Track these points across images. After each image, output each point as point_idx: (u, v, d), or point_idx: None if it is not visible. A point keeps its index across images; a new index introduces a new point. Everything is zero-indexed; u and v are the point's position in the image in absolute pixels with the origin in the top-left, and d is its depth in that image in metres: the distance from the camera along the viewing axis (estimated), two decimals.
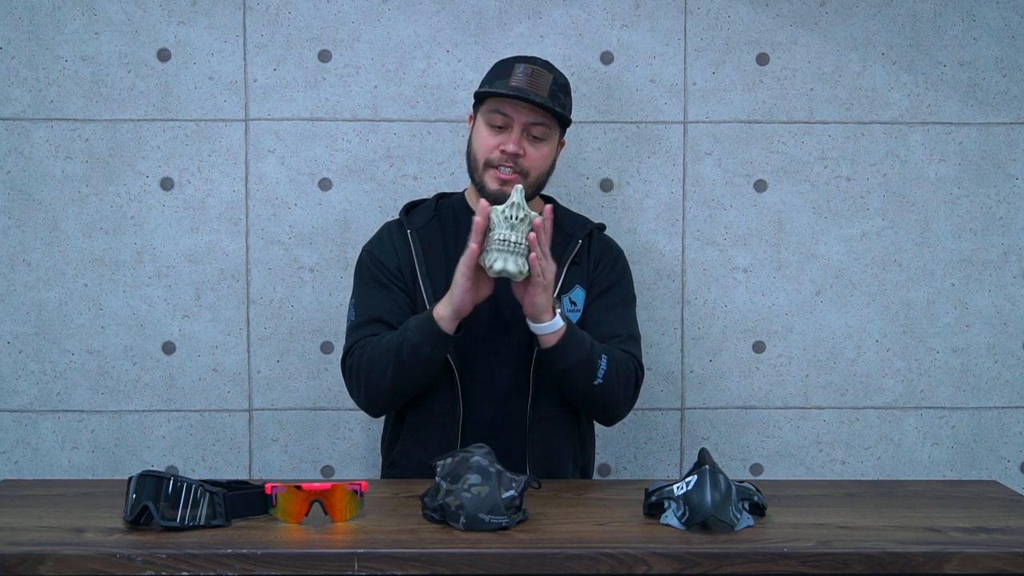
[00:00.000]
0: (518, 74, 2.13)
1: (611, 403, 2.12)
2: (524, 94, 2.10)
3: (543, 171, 2.17)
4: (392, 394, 2.10)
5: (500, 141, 2.12)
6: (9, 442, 2.60)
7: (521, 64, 2.15)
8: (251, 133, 2.58)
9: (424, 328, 2.01)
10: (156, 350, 2.60)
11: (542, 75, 2.14)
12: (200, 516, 1.69)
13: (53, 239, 2.57)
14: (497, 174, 2.12)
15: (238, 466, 2.62)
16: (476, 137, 2.17)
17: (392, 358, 2.04)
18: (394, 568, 1.58)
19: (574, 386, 2.08)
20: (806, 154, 2.62)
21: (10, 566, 1.57)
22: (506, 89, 2.11)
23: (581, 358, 2.03)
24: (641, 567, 1.60)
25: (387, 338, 2.07)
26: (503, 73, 2.15)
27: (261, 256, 2.59)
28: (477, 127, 2.17)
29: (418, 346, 2.02)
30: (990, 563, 1.61)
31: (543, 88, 2.13)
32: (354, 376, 2.11)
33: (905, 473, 2.66)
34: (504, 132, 2.13)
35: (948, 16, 2.61)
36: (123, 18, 2.55)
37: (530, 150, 2.13)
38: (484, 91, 2.15)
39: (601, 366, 2.05)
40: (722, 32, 2.60)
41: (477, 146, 2.16)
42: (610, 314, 2.18)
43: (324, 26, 2.57)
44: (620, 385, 2.09)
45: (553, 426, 2.18)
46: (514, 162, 2.12)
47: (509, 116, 2.12)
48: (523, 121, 2.12)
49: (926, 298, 2.64)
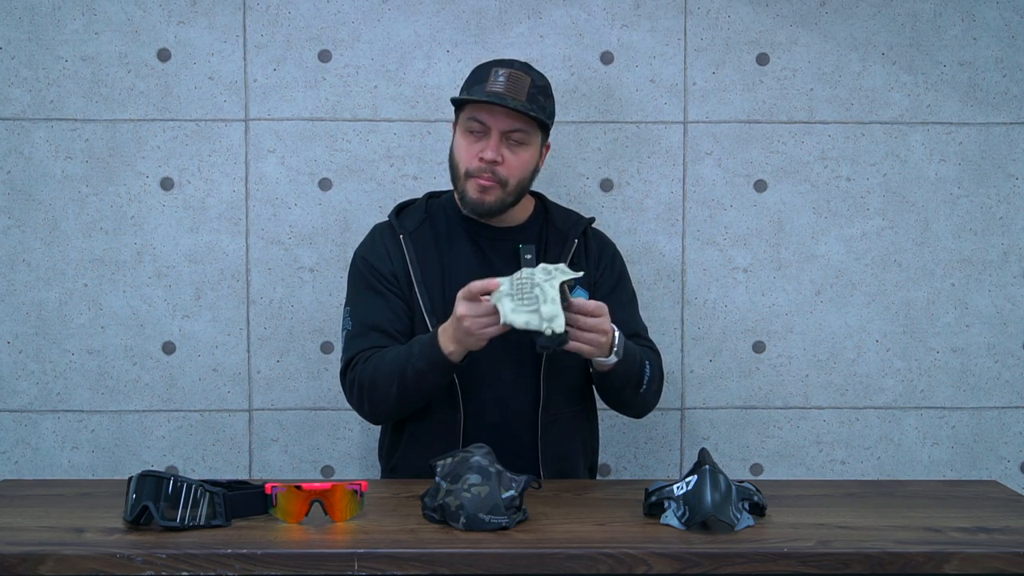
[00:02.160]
0: (495, 79, 2.08)
1: (649, 404, 2.18)
2: (500, 99, 2.05)
3: (523, 178, 2.13)
4: (397, 412, 2.12)
5: (479, 149, 2.09)
6: (9, 442, 2.60)
7: (498, 68, 2.11)
8: (251, 133, 2.58)
9: (429, 356, 1.99)
10: (156, 350, 2.60)
11: (519, 78, 2.09)
12: (200, 516, 1.69)
13: (53, 239, 2.57)
14: (477, 182, 2.09)
15: (238, 466, 2.62)
16: (456, 146, 2.13)
17: (396, 380, 2.02)
18: (394, 568, 1.59)
19: (621, 396, 2.13)
20: (806, 154, 2.62)
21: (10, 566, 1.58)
22: (482, 95, 2.07)
23: (633, 374, 2.07)
24: (641, 567, 1.60)
25: (389, 356, 2.05)
26: (480, 78, 2.11)
27: (261, 256, 2.59)
28: (456, 136, 2.14)
29: (423, 373, 2.00)
30: (990, 563, 1.61)
31: (520, 92, 2.08)
32: (356, 391, 2.10)
33: (905, 473, 2.66)
34: (483, 139, 2.09)
35: (948, 16, 2.61)
36: (123, 18, 2.55)
37: (509, 157, 2.09)
38: (459, 98, 2.11)
39: (647, 374, 2.09)
40: (722, 32, 2.60)
41: (457, 155, 2.13)
42: (623, 313, 2.17)
43: (324, 26, 2.57)
44: (657, 384, 2.15)
45: (565, 427, 2.18)
46: (492, 171, 2.09)
47: (486, 123, 2.08)
48: (501, 127, 2.08)
49: (926, 298, 2.64)
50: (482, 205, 2.10)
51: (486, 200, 2.10)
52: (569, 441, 2.19)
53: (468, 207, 2.12)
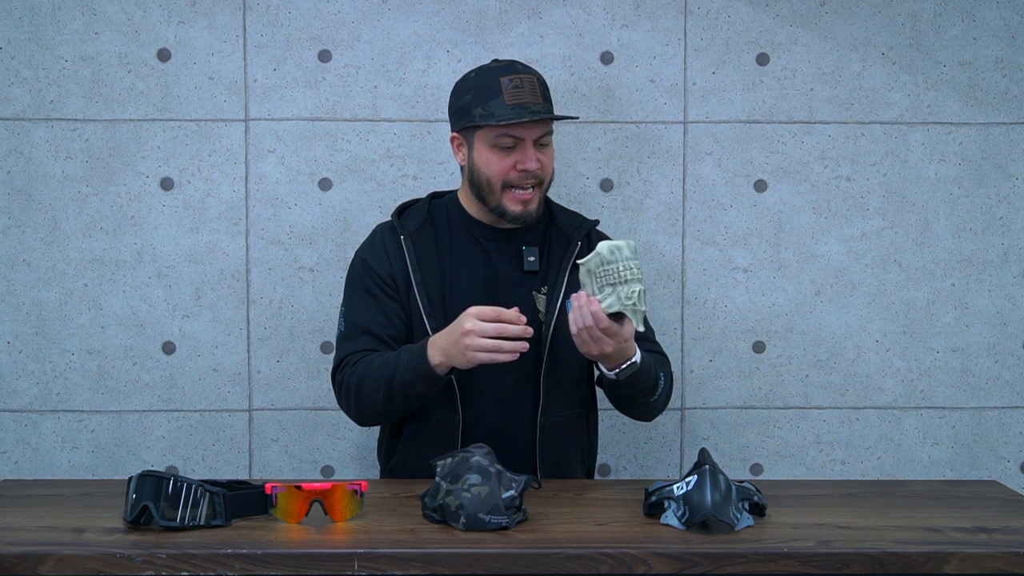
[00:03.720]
0: (509, 89, 2.07)
1: (659, 410, 2.18)
2: (531, 112, 2.06)
3: (553, 170, 2.17)
4: (384, 417, 2.14)
5: (515, 160, 2.08)
6: (9, 442, 2.60)
7: (505, 77, 2.09)
8: (251, 133, 2.58)
9: (416, 367, 1.99)
10: (156, 350, 2.60)
11: (528, 81, 2.09)
12: (200, 516, 1.69)
13: (53, 239, 2.57)
14: (518, 196, 2.09)
15: (238, 466, 2.62)
16: (484, 161, 2.10)
17: (383, 387, 2.03)
18: (394, 568, 1.59)
19: (633, 403, 2.13)
20: (806, 154, 2.62)
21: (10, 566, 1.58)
22: (507, 111, 2.05)
23: (648, 384, 2.07)
24: (641, 567, 1.60)
25: (377, 363, 2.05)
26: (492, 92, 2.08)
27: (261, 256, 2.59)
28: (480, 151, 2.10)
29: (410, 383, 2.01)
30: (990, 563, 1.61)
31: (537, 95, 2.09)
32: (343, 394, 2.11)
33: (905, 473, 2.66)
34: (515, 150, 2.08)
35: (948, 16, 2.61)
36: (123, 18, 2.55)
37: (543, 158, 2.11)
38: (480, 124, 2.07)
39: (660, 384, 2.10)
40: (722, 32, 2.60)
41: (489, 171, 2.10)
42: None
43: (324, 26, 2.57)
44: (667, 391, 2.15)
45: (564, 431, 2.18)
46: (533, 176, 2.09)
47: (518, 136, 2.07)
48: (534, 136, 2.09)
49: (926, 298, 2.64)
50: (530, 215, 2.12)
51: (531, 209, 2.12)
52: (567, 445, 2.19)
53: (510, 218, 2.12)
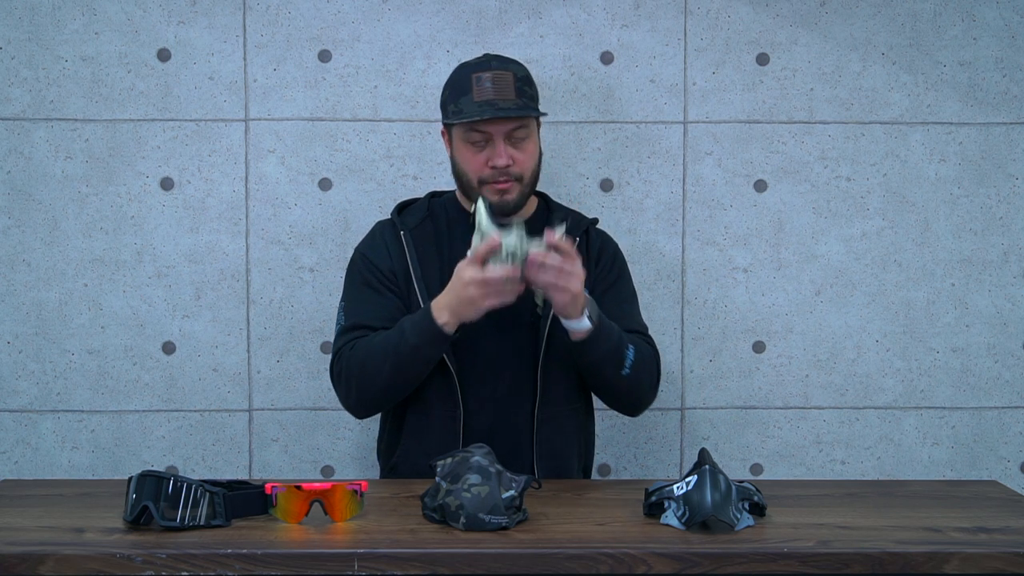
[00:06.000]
0: (480, 85, 2.08)
1: (636, 392, 2.14)
2: (493, 110, 2.06)
3: (534, 167, 2.15)
4: (385, 393, 2.10)
5: (486, 156, 2.09)
6: (9, 442, 2.60)
7: (479, 74, 2.09)
8: (251, 133, 2.58)
9: (422, 330, 2.00)
10: (156, 350, 2.60)
11: (503, 77, 2.09)
12: (200, 516, 1.69)
13: (53, 239, 2.57)
14: (494, 187, 2.10)
15: (238, 466, 2.62)
16: (460, 157, 2.13)
17: (389, 359, 2.03)
18: (394, 568, 1.59)
19: (602, 376, 2.10)
20: (806, 154, 2.62)
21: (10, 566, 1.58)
22: (474, 108, 2.06)
23: (610, 349, 2.04)
24: (641, 567, 1.60)
25: (379, 339, 2.06)
26: (463, 88, 2.09)
27: (261, 256, 2.59)
28: (457, 147, 2.13)
29: (417, 348, 2.01)
30: (990, 563, 1.61)
31: (509, 91, 2.08)
32: (344, 380, 2.10)
33: (905, 473, 2.66)
34: (487, 147, 2.10)
35: (948, 16, 2.61)
36: (123, 18, 2.55)
37: (516, 154, 2.10)
38: (452, 122, 2.10)
39: (629, 356, 2.06)
40: (722, 32, 2.60)
41: (464, 167, 2.13)
42: (619, 310, 2.17)
43: (324, 26, 2.57)
44: (645, 373, 2.12)
45: (560, 426, 2.18)
46: (506, 172, 2.10)
47: (486, 132, 2.08)
48: (502, 131, 2.08)
49: (926, 298, 2.64)
50: (507, 204, 2.11)
51: (508, 199, 2.11)
52: (564, 440, 2.20)
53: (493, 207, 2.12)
